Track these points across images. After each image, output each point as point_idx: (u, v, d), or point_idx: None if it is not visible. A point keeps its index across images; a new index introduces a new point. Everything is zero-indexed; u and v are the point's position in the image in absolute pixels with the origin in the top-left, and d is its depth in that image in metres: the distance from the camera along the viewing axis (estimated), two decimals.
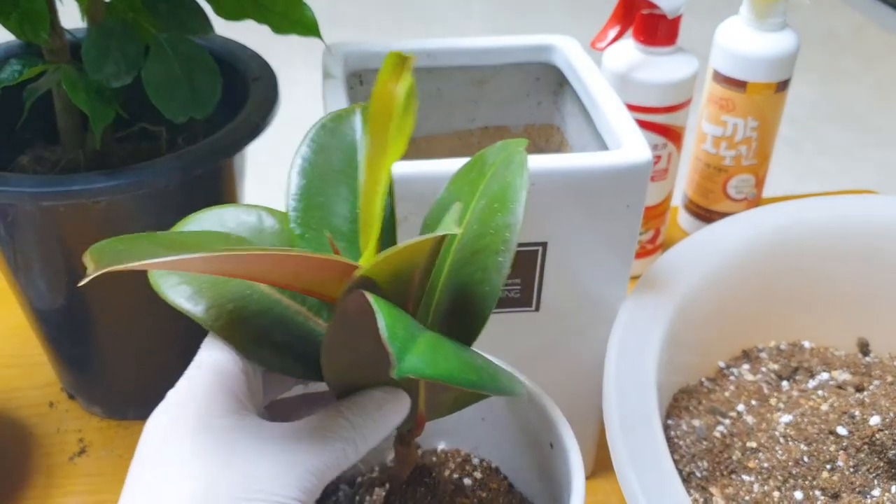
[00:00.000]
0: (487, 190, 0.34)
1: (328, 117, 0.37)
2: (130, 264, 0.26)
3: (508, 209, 0.32)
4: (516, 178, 0.33)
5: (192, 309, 0.32)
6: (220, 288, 0.32)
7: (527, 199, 0.32)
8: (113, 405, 0.62)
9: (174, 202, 0.51)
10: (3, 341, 0.69)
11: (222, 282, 0.32)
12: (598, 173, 0.43)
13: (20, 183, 0.47)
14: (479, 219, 0.33)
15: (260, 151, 0.58)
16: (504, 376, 0.28)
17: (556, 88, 0.57)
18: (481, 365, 0.27)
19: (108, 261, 0.26)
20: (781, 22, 0.68)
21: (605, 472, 0.58)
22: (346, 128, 0.37)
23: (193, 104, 0.51)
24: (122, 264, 0.26)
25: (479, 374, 0.26)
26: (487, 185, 0.34)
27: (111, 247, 0.29)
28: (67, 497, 0.57)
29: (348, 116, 0.37)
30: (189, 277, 0.32)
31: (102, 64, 0.48)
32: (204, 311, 0.32)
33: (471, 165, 0.36)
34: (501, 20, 2.16)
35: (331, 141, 0.36)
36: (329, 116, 0.37)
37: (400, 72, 0.29)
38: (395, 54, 0.29)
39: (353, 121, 0.37)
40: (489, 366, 0.28)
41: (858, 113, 1.76)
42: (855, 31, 2.13)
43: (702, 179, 0.75)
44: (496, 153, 0.35)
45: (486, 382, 0.26)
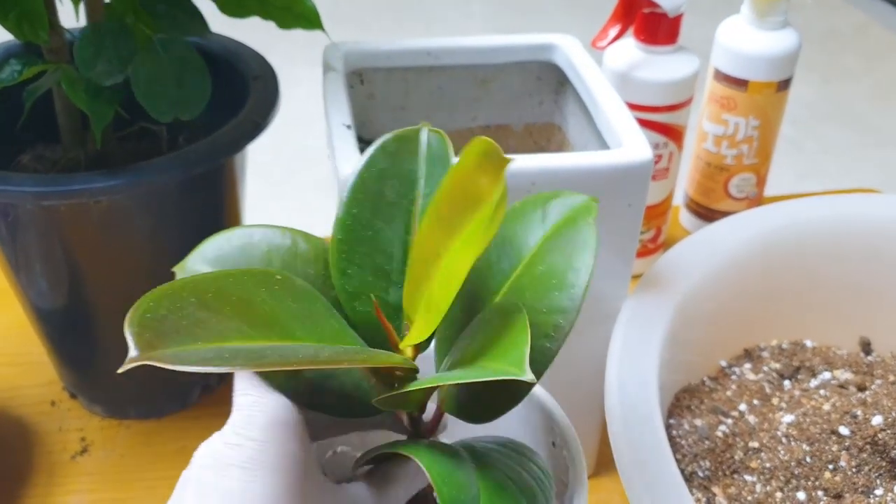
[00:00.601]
0: (545, 257, 0.31)
1: (390, 138, 0.34)
2: (191, 367, 0.24)
3: (567, 292, 0.30)
4: (581, 258, 0.30)
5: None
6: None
7: (588, 282, 0.30)
8: (114, 404, 0.62)
9: (175, 201, 0.51)
10: (4, 340, 0.69)
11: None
12: (599, 172, 0.43)
13: (21, 182, 0.47)
14: (531, 287, 0.31)
15: (261, 150, 0.58)
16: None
17: (557, 87, 0.57)
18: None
19: (157, 345, 0.24)
20: (783, 20, 0.68)
21: (607, 471, 0.58)
22: (407, 153, 0.34)
23: (181, 105, 0.51)
24: (180, 364, 0.24)
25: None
26: (546, 251, 0.32)
27: (155, 317, 0.25)
28: (69, 496, 0.57)
29: (411, 140, 0.34)
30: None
31: (95, 62, 0.48)
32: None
33: (529, 208, 0.33)
34: (502, 19, 2.16)
35: (389, 167, 0.33)
36: (391, 137, 0.34)
37: (495, 170, 0.26)
38: (486, 145, 0.26)
39: (418, 147, 0.34)
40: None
41: (860, 112, 1.76)
42: (856, 29, 2.13)
43: (703, 178, 0.75)
44: (560, 208, 0.33)
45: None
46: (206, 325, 0.25)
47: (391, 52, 0.54)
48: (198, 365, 0.24)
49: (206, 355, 0.24)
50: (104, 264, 0.53)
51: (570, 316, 0.29)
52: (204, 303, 0.26)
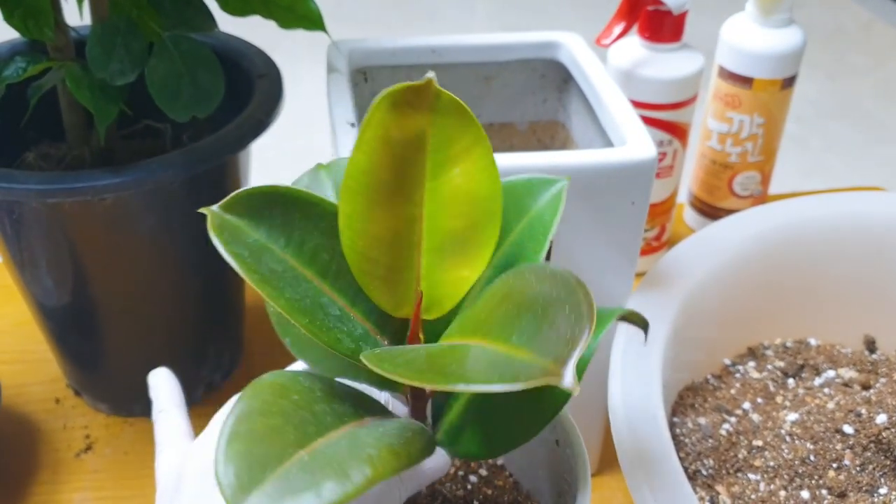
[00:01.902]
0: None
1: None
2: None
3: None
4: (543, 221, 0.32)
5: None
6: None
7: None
8: (119, 402, 0.62)
9: (179, 199, 0.51)
10: (9, 337, 0.69)
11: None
12: (603, 170, 0.43)
13: (26, 180, 0.47)
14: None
15: (265, 148, 0.58)
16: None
17: (562, 85, 0.57)
18: None
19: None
20: (788, 18, 0.68)
21: (610, 469, 0.58)
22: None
23: (196, 103, 0.51)
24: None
25: None
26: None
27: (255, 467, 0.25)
28: (73, 493, 0.57)
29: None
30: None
31: (107, 62, 0.48)
32: None
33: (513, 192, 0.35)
34: (506, 17, 2.16)
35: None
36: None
37: (417, 106, 0.27)
38: (395, 90, 0.27)
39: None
40: None
41: (865, 110, 1.76)
42: (862, 27, 2.12)
43: (707, 176, 0.75)
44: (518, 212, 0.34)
45: None
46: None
47: (395, 50, 0.54)
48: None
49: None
50: (109, 262, 0.53)
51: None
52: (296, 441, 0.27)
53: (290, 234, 0.31)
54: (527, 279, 0.29)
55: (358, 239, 0.31)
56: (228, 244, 0.30)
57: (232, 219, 0.31)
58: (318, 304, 0.31)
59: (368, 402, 0.32)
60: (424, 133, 0.29)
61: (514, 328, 0.26)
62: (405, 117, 0.29)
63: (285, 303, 0.30)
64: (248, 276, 0.29)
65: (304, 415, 0.28)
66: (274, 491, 0.24)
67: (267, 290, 0.30)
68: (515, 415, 0.32)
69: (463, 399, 0.34)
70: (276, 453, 0.25)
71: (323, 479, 0.25)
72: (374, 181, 0.30)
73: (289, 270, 0.31)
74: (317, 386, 0.30)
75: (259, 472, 0.25)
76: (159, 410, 0.38)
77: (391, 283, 0.32)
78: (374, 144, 0.29)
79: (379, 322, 0.33)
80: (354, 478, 0.25)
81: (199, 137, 0.51)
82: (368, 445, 0.27)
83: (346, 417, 0.29)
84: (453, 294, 0.32)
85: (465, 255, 0.31)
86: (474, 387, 0.24)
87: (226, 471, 0.25)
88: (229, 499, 0.24)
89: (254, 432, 0.26)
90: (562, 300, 0.26)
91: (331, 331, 0.31)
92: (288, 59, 0.72)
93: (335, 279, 0.32)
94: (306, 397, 0.29)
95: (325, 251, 0.32)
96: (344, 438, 0.27)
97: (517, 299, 0.28)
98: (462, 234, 0.31)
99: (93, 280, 0.54)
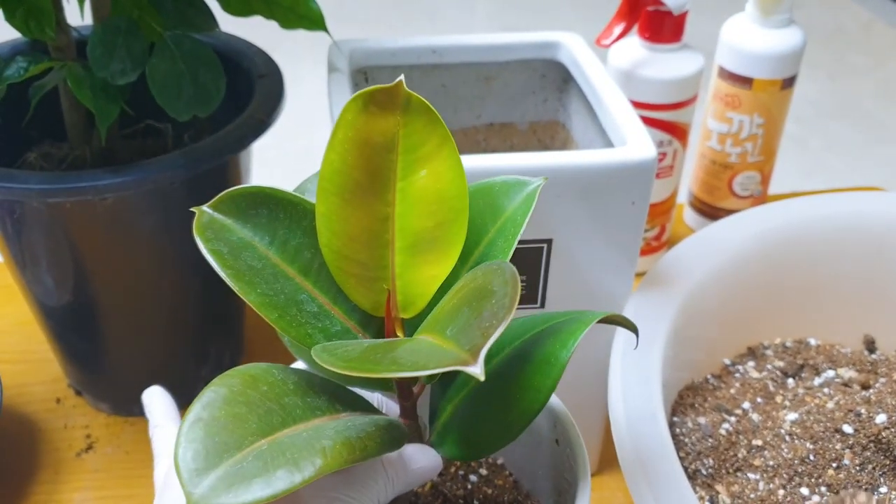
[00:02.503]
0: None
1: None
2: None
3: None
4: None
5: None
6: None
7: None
8: (120, 401, 0.62)
9: (180, 199, 0.51)
10: (10, 337, 0.69)
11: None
12: (603, 170, 0.43)
13: (27, 179, 0.47)
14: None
15: (266, 148, 0.58)
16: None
17: (562, 85, 0.57)
18: None
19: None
20: (788, 18, 0.68)
21: (610, 469, 0.58)
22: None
23: (197, 102, 0.51)
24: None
25: None
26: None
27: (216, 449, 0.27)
28: (74, 493, 0.57)
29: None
30: None
31: (108, 61, 0.49)
32: None
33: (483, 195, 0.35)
34: (507, 17, 2.16)
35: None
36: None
37: (385, 107, 0.29)
38: (365, 93, 0.28)
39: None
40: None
41: (865, 110, 1.76)
42: (862, 27, 2.12)
43: (707, 176, 0.75)
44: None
45: None
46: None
47: (396, 50, 0.54)
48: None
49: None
50: (110, 261, 0.53)
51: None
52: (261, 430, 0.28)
53: (274, 233, 0.32)
54: (477, 275, 0.30)
55: (334, 238, 0.32)
56: (209, 241, 0.31)
57: (219, 217, 0.32)
58: (293, 300, 0.32)
59: (350, 398, 0.32)
60: (396, 134, 0.30)
61: (451, 321, 0.28)
62: (376, 118, 0.30)
63: (256, 297, 0.31)
64: (223, 272, 0.30)
65: (271, 406, 0.28)
66: (227, 476, 0.25)
67: (239, 285, 0.31)
68: (496, 419, 0.33)
69: (453, 403, 0.35)
70: (236, 441, 0.26)
71: (275, 469, 0.26)
72: (347, 182, 0.31)
73: (268, 267, 0.32)
74: (290, 379, 0.30)
75: (216, 457, 0.26)
76: (155, 426, 0.39)
77: (367, 281, 0.32)
78: (347, 145, 0.30)
79: (361, 321, 0.33)
80: (305, 469, 0.26)
81: (199, 137, 0.51)
82: (326, 437, 0.28)
83: (319, 411, 0.30)
84: (425, 292, 0.32)
85: (435, 254, 0.32)
86: (391, 374, 0.26)
87: (184, 454, 0.26)
88: (185, 482, 0.25)
89: (216, 419, 0.27)
90: (494, 293, 0.27)
91: (301, 326, 0.32)
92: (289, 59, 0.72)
93: (317, 277, 0.33)
94: (276, 389, 0.29)
95: (308, 249, 0.33)
96: (308, 431, 0.28)
97: (463, 294, 0.29)
98: (432, 232, 0.32)
99: (94, 280, 0.54)
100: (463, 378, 0.35)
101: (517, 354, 0.34)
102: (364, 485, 0.32)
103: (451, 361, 0.25)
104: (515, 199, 0.34)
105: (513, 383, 0.33)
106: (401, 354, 0.27)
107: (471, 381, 0.34)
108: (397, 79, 0.29)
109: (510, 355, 0.34)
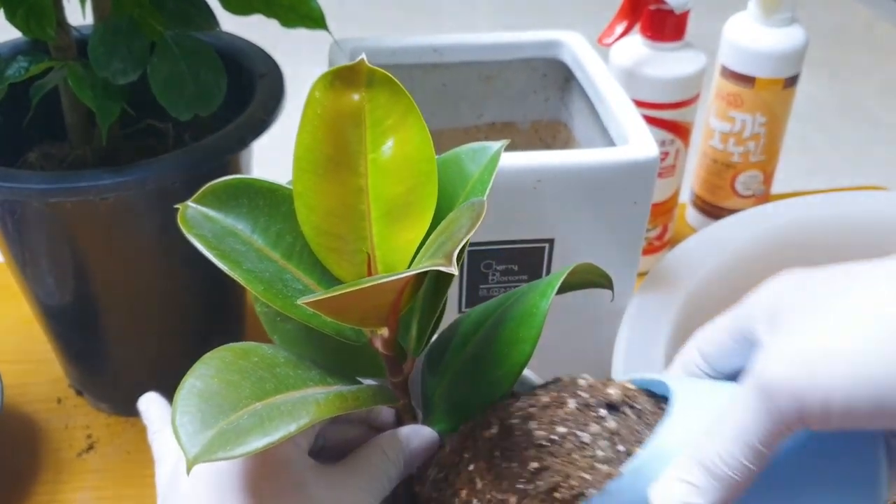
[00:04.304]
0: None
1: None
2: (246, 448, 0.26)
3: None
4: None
5: None
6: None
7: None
8: (121, 401, 0.62)
9: (181, 198, 0.51)
10: (11, 337, 0.69)
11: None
12: (605, 170, 0.43)
13: (28, 179, 0.47)
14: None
15: (267, 148, 0.58)
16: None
17: (563, 84, 0.57)
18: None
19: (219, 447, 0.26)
20: (790, 17, 0.68)
21: None
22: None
23: (199, 101, 0.51)
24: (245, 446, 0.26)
25: None
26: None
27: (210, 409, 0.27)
28: (75, 493, 0.57)
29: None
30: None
31: (109, 61, 0.48)
32: None
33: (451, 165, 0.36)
34: (508, 16, 2.15)
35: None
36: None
37: (351, 82, 0.30)
38: (333, 70, 0.30)
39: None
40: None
41: (868, 109, 1.76)
42: (865, 26, 2.12)
43: (709, 176, 0.75)
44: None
45: None
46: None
47: (396, 49, 0.54)
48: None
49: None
50: (111, 261, 0.53)
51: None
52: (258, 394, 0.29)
53: (255, 221, 0.34)
54: (453, 215, 0.32)
55: (311, 214, 0.33)
56: (192, 228, 0.32)
57: (203, 210, 0.33)
58: (279, 278, 0.33)
59: (339, 372, 0.33)
60: (362, 108, 0.32)
61: (432, 246, 0.30)
62: (342, 94, 0.31)
63: (242, 273, 0.32)
64: (209, 252, 0.32)
65: (264, 374, 0.30)
66: (223, 433, 0.26)
67: (225, 262, 0.32)
68: (484, 380, 0.34)
69: (442, 384, 0.36)
70: (231, 404, 0.27)
71: (270, 421, 0.27)
72: (320, 157, 0.32)
73: (252, 251, 0.33)
74: (280, 354, 0.32)
75: (212, 419, 0.26)
76: (154, 431, 0.39)
77: (347, 254, 0.33)
78: (316, 122, 0.32)
79: None
80: (300, 417, 0.27)
81: (200, 137, 0.51)
82: (320, 396, 0.29)
83: (311, 382, 0.31)
84: (404, 258, 0.33)
85: (409, 218, 0.33)
86: (373, 281, 0.27)
87: (181, 420, 0.26)
88: (185, 445, 0.26)
89: (210, 387, 0.28)
90: (464, 219, 0.29)
91: (288, 298, 0.33)
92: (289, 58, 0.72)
93: (300, 259, 0.34)
94: (268, 361, 0.31)
95: (289, 234, 0.34)
96: (301, 395, 0.29)
97: (442, 227, 0.31)
98: (404, 198, 0.33)
99: (94, 280, 0.54)
100: (450, 356, 0.36)
101: (499, 317, 0.35)
102: (368, 471, 0.32)
103: (429, 264, 0.27)
104: (481, 161, 0.35)
105: (498, 342, 0.34)
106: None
107: (459, 356, 0.36)
108: (358, 58, 0.31)
109: (493, 321, 0.35)
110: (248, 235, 0.33)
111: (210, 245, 0.32)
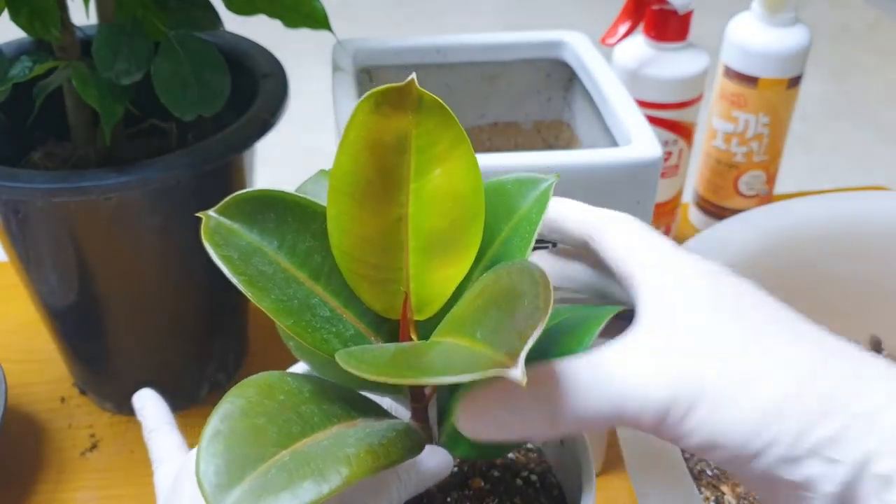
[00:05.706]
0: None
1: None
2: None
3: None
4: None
5: None
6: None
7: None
8: (124, 400, 0.62)
9: (184, 198, 0.51)
10: (15, 336, 0.69)
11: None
12: (608, 170, 0.43)
13: (31, 179, 0.47)
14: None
15: (270, 147, 0.58)
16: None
17: (566, 84, 0.57)
18: None
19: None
20: (793, 17, 0.68)
21: (615, 469, 0.58)
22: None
23: (202, 101, 0.51)
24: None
25: None
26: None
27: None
28: (78, 492, 0.57)
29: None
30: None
31: (113, 61, 0.49)
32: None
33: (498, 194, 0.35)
34: (511, 16, 2.15)
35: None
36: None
37: (397, 106, 0.28)
38: (376, 93, 0.28)
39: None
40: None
41: (871, 109, 1.75)
42: (868, 26, 2.12)
43: (713, 176, 0.75)
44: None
45: None
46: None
47: (400, 50, 0.54)
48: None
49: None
50: (114, 261, 0.53)
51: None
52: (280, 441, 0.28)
53: (283, 237, 0.32)
54: (500, 275, 0.29)
55: (345, 239, 0.31)
56: (219, 247, 0.30)
57: (226, 222, 0.31)
58: (306, 305, 0.31)
59: (363, 403, 0.32)
60: (408, 134, 0.30)
61: (480, 324, 0.27)
62: (388, 119, 0.29)
63: (270, 304, 0.30)
64: (236, 278, 0.30)
65: (289, 415, 0.28)
66: (252, 490, 0.25)
67: (253, 291, 0.30)
68: None
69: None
70: (257, 453, 0.26)
71: (300, 479, 0.25)
72: (360, 183, 0.30)
73: (279, 272, 0.31)
74: (306, 387, 0.30)
75: (239, 471, 0.25)
76: (150, 430, 0.38)
77: (380, 283, 0.32)
78: (358, 146, 0.30)
79: (373, 323, 0.33)
80: (331, 479, 0.25)
81: (204, 137, 0.51)
82: (349, 445, 0.27)
83: (336, 418, 0.29)
84: (441, 294, 0.32)
85: (450, 255, 0.31)
86: (428, 379, 0.25)
87: (206, 469, 0.25)
88: (209, 497, 0.24)
89: (235, 431, 0.26)
90: (524, 294, 0.27)
91: (317, 331, 0.31)
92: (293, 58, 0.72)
93: (328, 281, 0.32)
94: (293, 398, 0.29)
95: (318, 253, 0.32)
96: (328, 439, 0.27)
97: (487, 295, 0.28)
98: (447, 233, 0.31)
99: (98, 279, 0.54)
100: None
101: (532, 355, 0.33)
102: (377, 489, 0.31)
103: (489, 365, 0.24)
104: (529, 196, 0.33)
105: None
106: (433, 359, 0.26)
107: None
108: (409, 77, 0.29)
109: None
110: (274, 253, 0.31)
111: (237, 269, 0.30)
